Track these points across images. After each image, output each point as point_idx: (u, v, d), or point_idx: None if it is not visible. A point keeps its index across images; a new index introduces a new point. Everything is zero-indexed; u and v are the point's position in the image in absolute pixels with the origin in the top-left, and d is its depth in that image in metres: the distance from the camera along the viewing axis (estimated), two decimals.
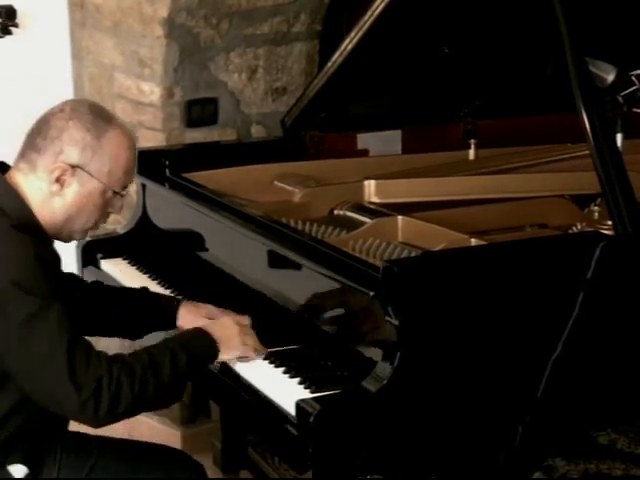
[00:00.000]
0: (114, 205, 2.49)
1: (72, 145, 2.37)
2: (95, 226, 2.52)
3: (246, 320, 2.58)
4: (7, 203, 2.34)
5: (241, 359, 2.50)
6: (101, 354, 2.28)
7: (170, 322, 2.70)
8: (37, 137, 2.39)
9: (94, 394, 2.20)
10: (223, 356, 2.47)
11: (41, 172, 2.37)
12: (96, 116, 2.42)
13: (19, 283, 2.22)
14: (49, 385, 2.24)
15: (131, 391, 2.24)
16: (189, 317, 2.68)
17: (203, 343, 2.46)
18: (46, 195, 2.38)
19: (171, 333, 2.65)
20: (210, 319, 2.64)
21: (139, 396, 2.27)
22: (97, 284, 2.85)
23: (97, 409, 2.21)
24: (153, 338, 2.70)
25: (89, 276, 3.12)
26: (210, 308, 2.71)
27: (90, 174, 2.39)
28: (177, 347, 2.38)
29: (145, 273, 3.15)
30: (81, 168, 2.38)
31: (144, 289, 2.83)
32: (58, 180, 2.37)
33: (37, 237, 2.33)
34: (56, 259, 2.45)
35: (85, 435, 2.61)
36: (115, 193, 2.45)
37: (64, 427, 2.58)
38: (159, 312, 2.74)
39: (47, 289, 2.26)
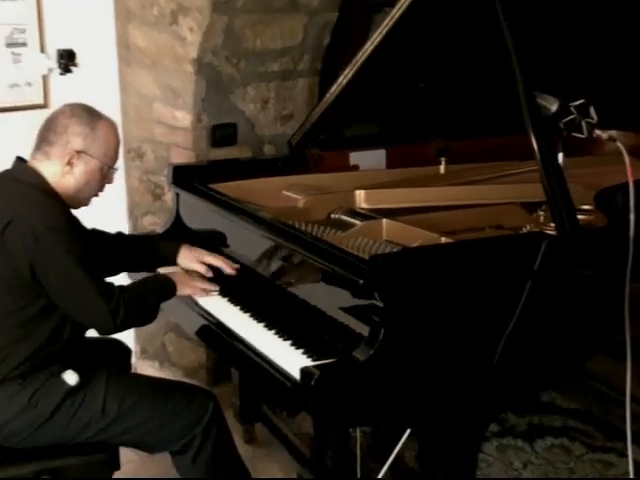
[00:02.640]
0: (109, 177, 2.73)
1: (76, 136, 2.60)
2: (96, 194, 2.73)
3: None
4: (34, 181, 2.59)
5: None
6: (113, 284, 2.61)
7: (172, 261, 2.97)
8: (48, 133, 2.62)
9: (114, 310, 2.52)
10: (179, 292, 2.76)
11: (54, 159, 2.60)
12: (89, 113, 2.65)
13: (54, 228, 2.48)
14: (81, 305, 2.54)
15: (134, 310, 2.57)
16: (186, 258, 2.94)
17: (167, 282, 2.75)
18: (59, 175, 2.61)
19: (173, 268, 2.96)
20: (201, 261, 2.92)
21: (138, 313, 2.61)
22: (121, 234, 3.09)
23: (115, 320, 2.52)
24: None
25: None
26: (202, 251, 2.96)
27: (91, 156, 2.62)
28: (154, 283, 2.76)
29: None
30: (84, 152, 2.61)
31: (152, 237, 3.19)
32: (69, 163, 2.60)
33: (59, 203, 2.58)
34: (74, 218, 2.68)
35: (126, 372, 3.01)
36: (109, 168, 2.70)
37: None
38: (166, 255, 2.99)
39: (72, 234, 2.54)
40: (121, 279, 2.92)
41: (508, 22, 2.50)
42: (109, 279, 2.67)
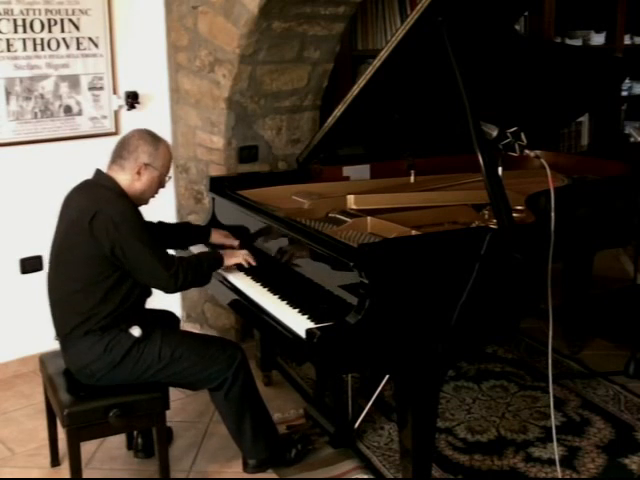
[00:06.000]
0: (164, 183, 2.71)
1: (144, 153, 2.61)
2: (153, 196, 2.71)
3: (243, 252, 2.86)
4: (111, 185, 2.60)
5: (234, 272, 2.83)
6: (173, 256, 2.62)
7: (205, 241, 3.03)
8: (122, 152, 2.62)
9: (174, 275, 2.54)
10: (226, 262, 2.77)
11: (127, 170, 2.61)
12: (152, 136, 2.66)
13: (127, 219, 2.50)
14: (149, 272, 2.54)
15: (190, 274, 2.58)
16: (217, 237, 3.02)
17: (216, 255, 2.76)
18: (130, 182, 2.61)
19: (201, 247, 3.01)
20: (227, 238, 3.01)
21: (192, 278, 2.59)
22: (161, 223, 3.02)
23: (175, 283, 2.55)
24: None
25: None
26: (228, 233, 3.04)
27: (154, 168, 2.63)
28: (206, 255, 2.74)
29: None
30: (150, 165, 2.62)
31: (188, 223, 3.21)
32: (138, 172, 2.61)
33: (129, 201, 2.58)
34: (140, 212, 2.62)
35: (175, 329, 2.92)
36: (165, 176, 2.69)
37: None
38: (199, 236, 3.06)
39: (140, 223, 2.55)
40: None
41: (461, 74, 2.50)
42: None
